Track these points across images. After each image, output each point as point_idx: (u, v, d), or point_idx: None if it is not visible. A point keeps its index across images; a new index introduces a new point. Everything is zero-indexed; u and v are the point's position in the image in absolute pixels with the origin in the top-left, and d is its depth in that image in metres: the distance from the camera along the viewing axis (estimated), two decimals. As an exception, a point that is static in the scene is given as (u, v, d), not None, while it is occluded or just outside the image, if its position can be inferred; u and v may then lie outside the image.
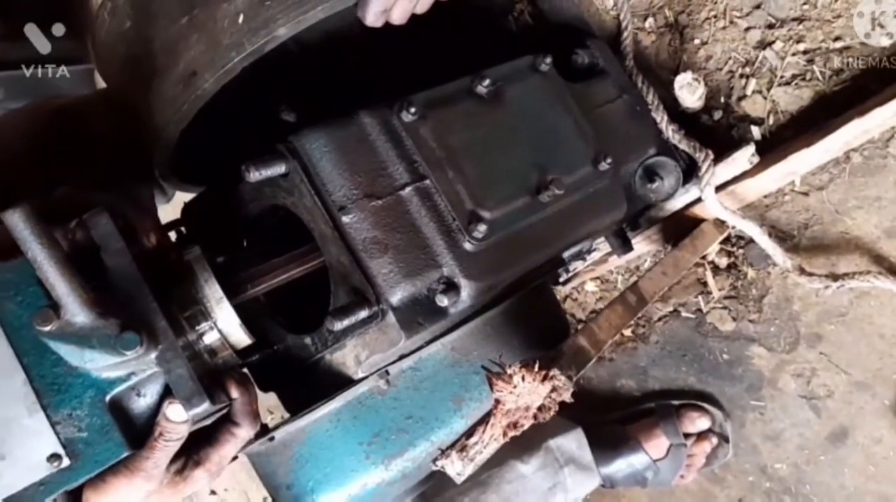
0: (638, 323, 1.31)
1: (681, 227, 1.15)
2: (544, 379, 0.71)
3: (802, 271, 1.04)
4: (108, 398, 0.68)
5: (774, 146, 1.05)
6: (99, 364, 0.65)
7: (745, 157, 1.01)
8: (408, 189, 0.80)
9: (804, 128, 1.03)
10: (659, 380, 1.32)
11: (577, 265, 1.28)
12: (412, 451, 0.86)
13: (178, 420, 0.66)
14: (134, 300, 0.68)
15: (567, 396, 0.72)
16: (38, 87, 1.97)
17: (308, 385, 0.88)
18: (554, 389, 0.71)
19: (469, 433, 0.73)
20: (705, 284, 1.21)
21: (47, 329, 0.62)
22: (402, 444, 0.86)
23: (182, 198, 1.02)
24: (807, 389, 1.15)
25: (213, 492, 2.20)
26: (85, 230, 0.68)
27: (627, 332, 1.33)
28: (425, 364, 0.87)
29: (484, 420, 0.73)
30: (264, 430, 0.90)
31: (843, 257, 1.05)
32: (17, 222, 0.60)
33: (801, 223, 1.08)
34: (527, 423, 0.73)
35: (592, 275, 1.34)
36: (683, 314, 1.25)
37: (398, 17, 0.79)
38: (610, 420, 1.37)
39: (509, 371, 0.71)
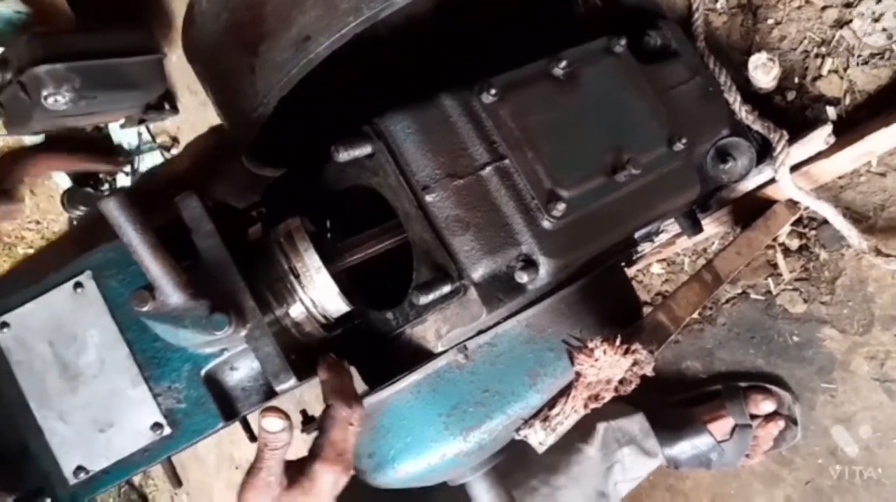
0: (705, 305, 1.31)
1: (750, 209, 1.15)
2: (626, 352, 0.73)
3: (878, 252, 1.03)
4: (203, 372, 0.73)
5: (850, 126, 1.04)
6: (192, 342, 0.69)
7: (821, 138, 1.00)
8: (488, 168, 0.83)
9: (882, 108, 1.02)
10: (725, 362, 1.32)
11: (645, 247, 1.29)
12: (489, 424, 0.89)
13: (275, 429, 0.68)
14: (223, 280, 0.71)
15: (648, 370, 0.74)
16: (112, 77, 2.06)
17: (388, 359, 0.91)
18: (636, 363, 0.73)
19: (551, 404, 0.76)
20: (775, 266, 1.21)
21: (144, 309, 0.66)
22: (479, 417, 0.89)
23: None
24: (880, 372, 1.14)
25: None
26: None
27: (694, 314, 1.33)
28: (501, 340, 0.89)
29: (565, 392, 0.76)
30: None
31: (922, 238, 1.04)
32: (112, 209, 0.64)
33: (878, 204, 1.07)
34: (607, 396, 0.75)
35: (659, 258, 1.34)
36: (752, 296, 1.25)
37: None
38: (674, 401, 1.38)
39: (591, 344, 0.73)
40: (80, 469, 0.71)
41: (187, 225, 0.72)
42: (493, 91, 0.84)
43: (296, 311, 0.79)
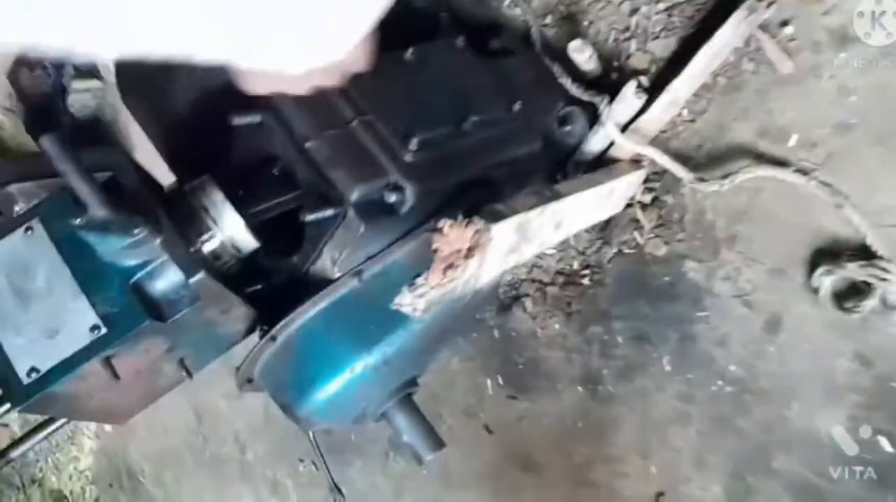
0: (592, 270, 1.50)
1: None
2: (467, 225, 0.92)
3: (701, 180, 1.26)
4: (131, 282, 0.91)
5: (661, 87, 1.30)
6: (117, 246, 0.88)
7: (630, 91, 1.25)
8: (355, 122, 1.05)
9: (680, 67, 1.28)
10: (622, 318, 1.49)
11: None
12: (389, 337, 1.06)
13: None
14: (141, 203, 0.91)
15: (487, 237, 0.93)
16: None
17: (300, 299, 1.09)
18: (476, 232, 0.92)
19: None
20: (637, 221, 1.42)
21: (77, 222, 0.85)
22: (379, 333, 1.06)
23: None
24: (736, 288, 1.33)
25: None
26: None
27: (586, 281, 1.52)
28: (391, 268, 1.08)
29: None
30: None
31: (733, 163, 1.27)
32: (50, 145, 0.85)
33: (696, 145, 1.31)
34: (462, 263, 0.93)
35: (548, 239, 1.55)
36: (626, 251, 1.45)
37: None
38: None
39: (439, 225, 0.93)
40: (32, 369, 0.86)
41: (110, 167, 0.92)
42: (353, 68, 1.08)
43: (212, 244, 0.98)
